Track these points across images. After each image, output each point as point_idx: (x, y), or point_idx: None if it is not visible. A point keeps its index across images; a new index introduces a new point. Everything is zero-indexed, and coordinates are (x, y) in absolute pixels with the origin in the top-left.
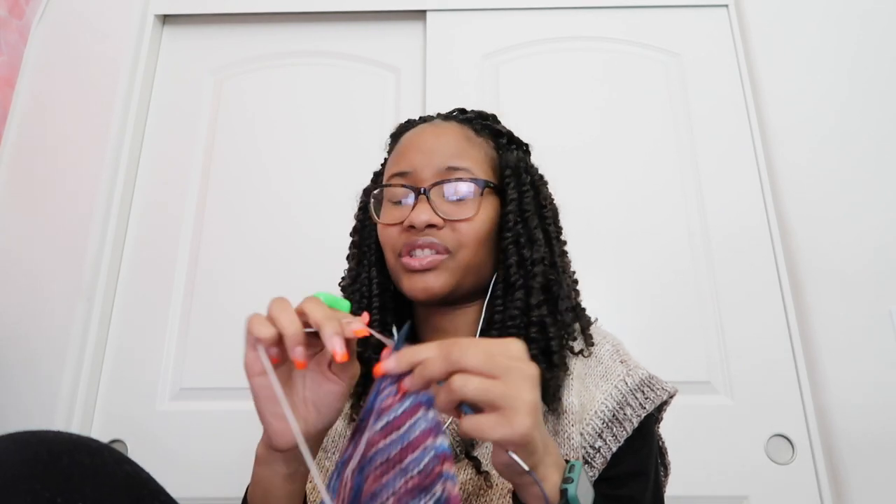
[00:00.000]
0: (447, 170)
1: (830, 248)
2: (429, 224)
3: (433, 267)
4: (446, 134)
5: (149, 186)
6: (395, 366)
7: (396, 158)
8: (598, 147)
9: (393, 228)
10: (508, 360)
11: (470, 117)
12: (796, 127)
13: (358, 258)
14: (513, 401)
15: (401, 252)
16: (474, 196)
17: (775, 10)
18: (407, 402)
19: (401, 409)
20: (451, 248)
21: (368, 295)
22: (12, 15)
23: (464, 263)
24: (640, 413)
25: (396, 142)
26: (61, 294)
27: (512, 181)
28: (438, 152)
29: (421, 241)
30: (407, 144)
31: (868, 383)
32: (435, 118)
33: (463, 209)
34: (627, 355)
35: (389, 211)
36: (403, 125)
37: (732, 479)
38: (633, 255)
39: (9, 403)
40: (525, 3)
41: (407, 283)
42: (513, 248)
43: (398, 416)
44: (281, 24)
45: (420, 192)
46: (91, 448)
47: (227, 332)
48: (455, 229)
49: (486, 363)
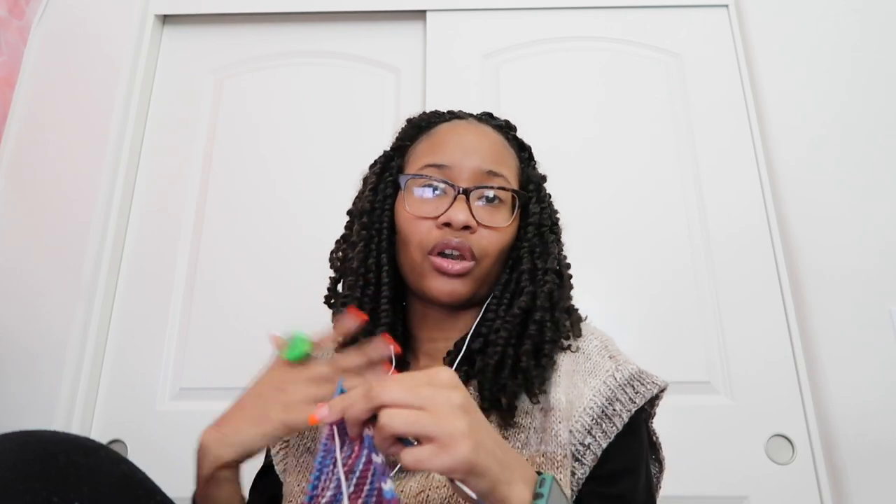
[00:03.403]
0: (487, 173)
1: (830, 248)
2: (465, 225)
3: (464, 273)
4: (486, 137)
5: (149, 186)
6: (327, 414)
7: (433, 150)
8: (598, 147)
9: (423, 222)
10: (433, 389)
11: (501, 125)
12: (796, 127)
13: (366, 241)
14: (444, 429)
15: (431, 249)
16: (508, 206)
17: (775, 10)
18: (363, 453)
19: (360, 464)
20: (478, 255)
21: (376, 282)
22: (12, 15)
23: (486, 272)
24: (630, 408)
25: (422, 131)
26: (61, 294)
27: (535, 196)
28: (479, 154)
29: (455, 243)
30: (445, 137)
31: (868, 383)
32: (467, 116)
33: (496, 217)
34: (616, 351)
35: (418, 203)
36: (431, 115)
37: (732, 479)
38: (633, 255)
39: (9, 403)
40: (525, 3)
41: (433, 284)
42: (528, 257)
43: (361, 471)
44: (281, 24)
45: (461, 191)
46: (88, 447)
47: (227, 332)
48: (484, 236)
49: (406, 395)
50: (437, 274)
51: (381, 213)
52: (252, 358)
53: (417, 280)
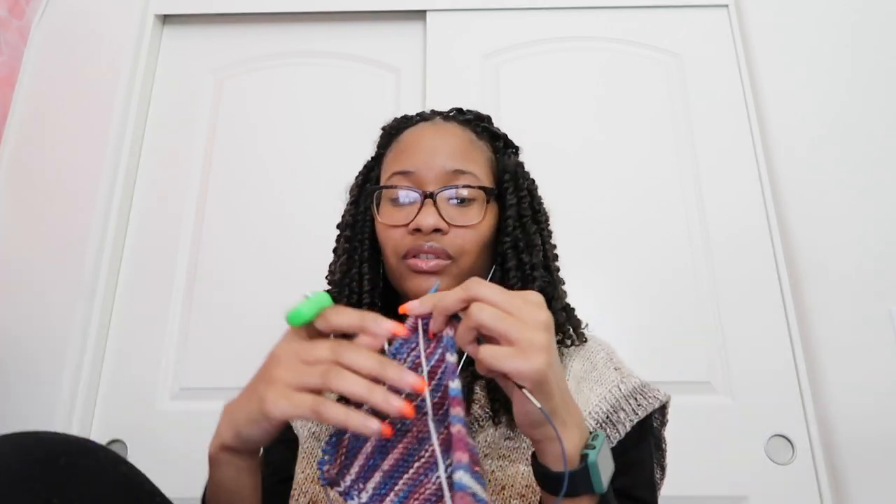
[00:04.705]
0: (453, 172)
1: (830, 248)
2: (435, 228)
3: (439, 270)
4: (451, 135)
5: (149, 186)
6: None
7: (398, 156)
8: (598, 147)
9: (396, 230)
10: (524, 302)
11: (469, 119)
12: (796, 127)
13: (349, 253)
14: (527, 338)
15: (405, 254)
16: (480, 203)
17: (775, 10)
18: (438, 351)
19: (433, 360)
20: (454, 254)
21: (359, 291)
22: (12, 15)
23: (466, 269)
24: (633, 418)
25: (392, 138)
26: (61, 294)
27: (511, 186)
28: (443, 153)
29: (427, 247)
30: (409, 143)
31: (868, 383)
32: (434, 117)
33: (467, 215)
34: (621, 363)
35: (391, 211)
36: (400, 121)
37: (732, 479)
38: (633, 255)
39: (9, 403)
40: (525, 3)
41: (413, 284)
42: (511, 252)
43: (432, 366)
44: (281, 24)
45: (427, 195)
46: (87, 449)
47: (227, 331)
48: (458, 235)
49: (500, 297)
50: (414, 274)
51: (362, 225)
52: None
53: (399, 284)
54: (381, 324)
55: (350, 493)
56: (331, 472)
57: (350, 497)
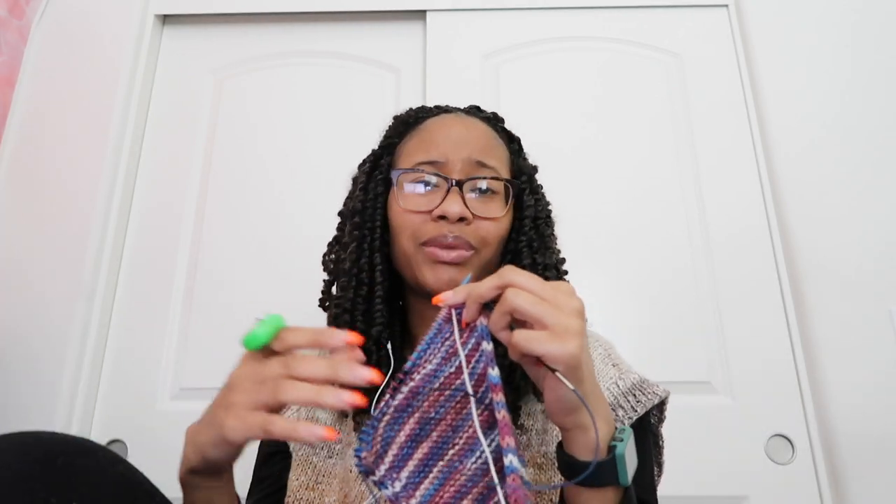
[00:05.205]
0: (477, 164)
1: (830, 248)
2: (460, 217)
3: (461, 262)
4: (475, 128)
5: (149, 186)
6: (451, 296)
7: (423, 146)
8: (598, 147)
9: (416, 216)
10: (557, 290)
11: (489, 117)
12: (796, 127)
13: (359, 241)
14: (561, 322)
15: (425, 241)
16: (500, 197)
17: (775, 10)
18: (472, 340)
19: (467, 348)
20: (477, 244)
21: (370, 282)
22: (12, 15)
23: (486, 261)
24: (632, 416)
25: (410, 127)
26: (61, 294)
27: (528, 187)
28: (469, 145)
29: (451, 239)
30: (434, 132)
31: (868, 383)
32: (455, 110)
33: (491, 207)
34: (619, 359)
35: (411, 198)
36: (418, 111)
37: (732, 479)
38: (633, 255)
39: (9, 403)
40: (525, 3)
41: (431, 274)
42: (527, 251)
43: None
44: (281, 24)
45: (453, 183)
46: (86, 449)
47: (227, 331)
48: (482, 226)
49: (534, 284)
50: (433, 263)
51: (372, 212)
52: None
53: (413, 273)
54: (336, 335)
55: (385, 482)
56: (368, 460)
57: (384, 486)
